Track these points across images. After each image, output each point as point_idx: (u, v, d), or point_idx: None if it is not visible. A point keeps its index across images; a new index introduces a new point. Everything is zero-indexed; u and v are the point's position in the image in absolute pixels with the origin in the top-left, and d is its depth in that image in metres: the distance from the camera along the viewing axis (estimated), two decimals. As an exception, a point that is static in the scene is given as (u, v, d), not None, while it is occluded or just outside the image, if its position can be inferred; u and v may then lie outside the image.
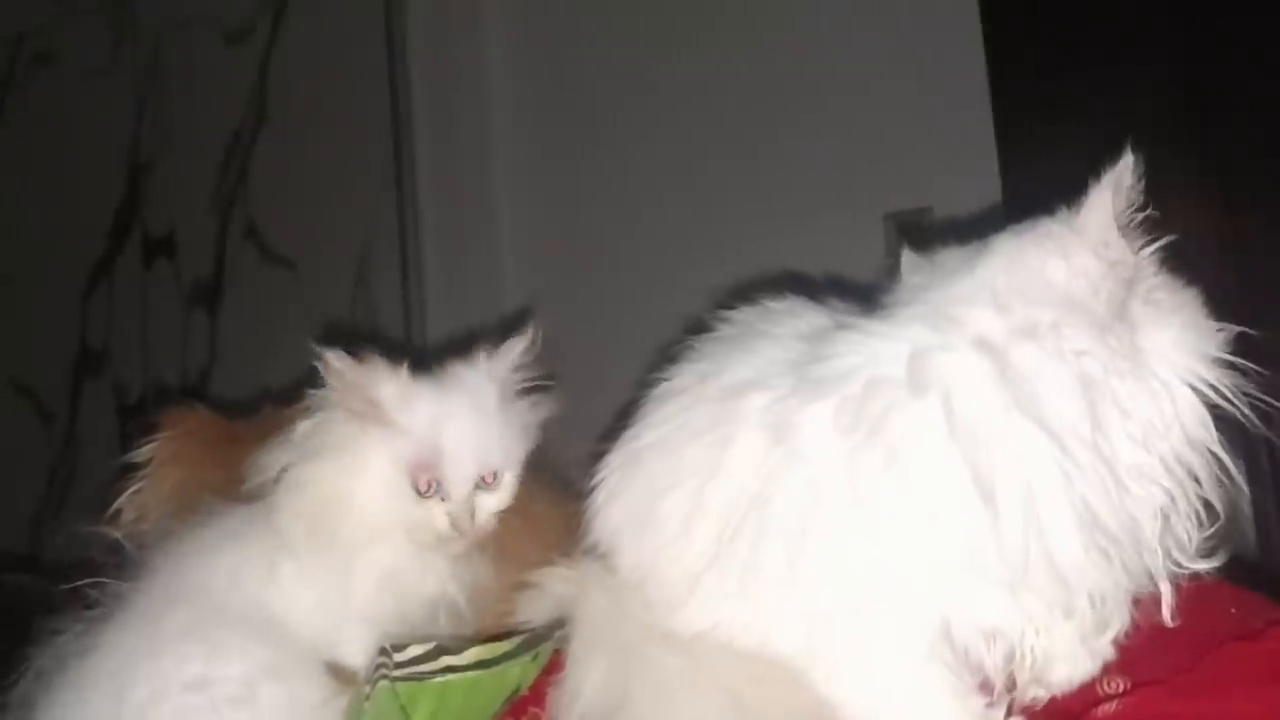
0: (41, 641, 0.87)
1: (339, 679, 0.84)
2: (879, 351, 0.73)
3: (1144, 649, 0.74)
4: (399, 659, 0.81)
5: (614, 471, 0.83)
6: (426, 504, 0.87)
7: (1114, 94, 1.49)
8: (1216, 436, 0.72)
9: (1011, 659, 0.73)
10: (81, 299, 2.40)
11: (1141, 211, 0.73)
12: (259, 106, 2.21)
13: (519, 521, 0.91)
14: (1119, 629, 0.74)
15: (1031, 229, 0.75)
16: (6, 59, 2.51)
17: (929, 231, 0.84)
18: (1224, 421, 0.72)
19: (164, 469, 1.02)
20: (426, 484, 0.86)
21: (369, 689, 0.80)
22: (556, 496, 0.93)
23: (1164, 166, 0.74)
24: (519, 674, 0.82)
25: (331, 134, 2.13)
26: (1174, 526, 0.71)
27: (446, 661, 0.81)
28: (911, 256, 0.81)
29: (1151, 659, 0.74)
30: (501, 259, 2.04)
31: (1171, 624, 0.73)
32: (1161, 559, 0.71)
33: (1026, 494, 0.67)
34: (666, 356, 0.85)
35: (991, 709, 0.73)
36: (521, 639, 0.82)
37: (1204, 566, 0.74)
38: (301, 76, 2.17)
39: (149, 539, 0.95)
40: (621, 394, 0.87)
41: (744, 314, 0.84)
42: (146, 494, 1.01)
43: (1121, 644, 0.75)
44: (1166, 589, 0.73)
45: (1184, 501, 0.71)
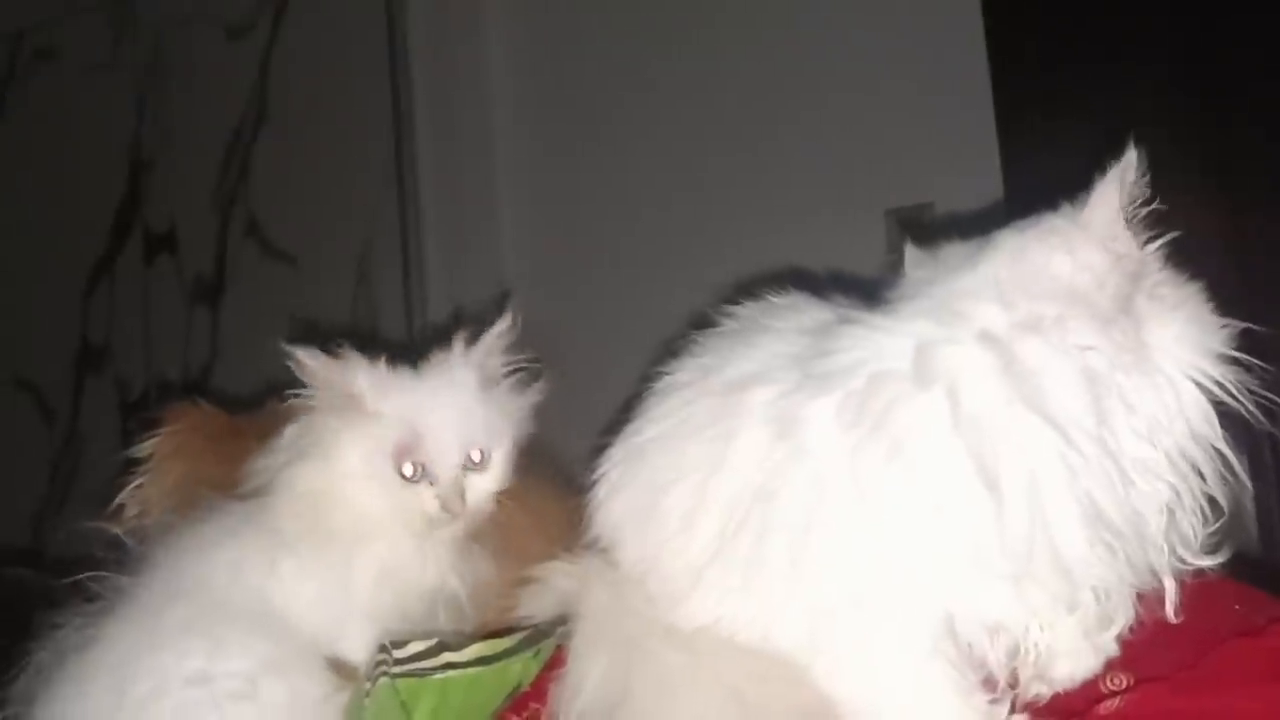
0: (43, 636, 0.87)
1: (340, 674, 0.84)
2: (883, 346, 0.72)
3: (1147, 645, 0.74)
4: (399, 655, 0.80)
5: (616, 466, 0.83)
6: (415, 489, 0.87)
7: (1115, 90, 1.48)
8: (1220, 432, 0.72)
9: (1015, 655, 0.73)
10: (83, 295, 2.40)
11: (1146, 206, 0.73)
12: (260, 103, 2.21)
13: (521, 516, 0.91)
14: (1123, 625, 0.74)
15: (1035, 224, 0.75)
16: (7, 55, 2.50)
17: (930, 228, 0.83)
18: (1228, 417, 0.72)
19: (166, 464, 1.02)
20: (412, 468, 0.86)
21: (369, 686, 0.80)
22: (558, 491, 0.92)
23: (1165, 162, 0.73)
24: (520, 670, 0.81)
25: (332, 131, 2.13)
26: (1178, 522, 0.71)
27: (448, 658, 0.81)
28: (915, 251, 0.81)
29: (1155, 655, 0.74)
30: (503, 256, 2.04)
31: (1175, 620, 0.73)
32: (1165, 554, 0.71)
33: (1031, 487, 0.67)
34: (669, 351, 0.85)
35: (995, 705, 0.72)
36: (523, 635, 0.82)
37: (1208, 562, 0.73)
38: (302, 73, 2.17)
39: (151, 534, 0.95)
40: (624, 389, 0.87)
41: (747, 309, 0.84)
42: (148, 489, 1.01)
43: (1125, 640, 0.75)
44: (1170, 585, 0.73)
45: (1188, 497, 0.71)
